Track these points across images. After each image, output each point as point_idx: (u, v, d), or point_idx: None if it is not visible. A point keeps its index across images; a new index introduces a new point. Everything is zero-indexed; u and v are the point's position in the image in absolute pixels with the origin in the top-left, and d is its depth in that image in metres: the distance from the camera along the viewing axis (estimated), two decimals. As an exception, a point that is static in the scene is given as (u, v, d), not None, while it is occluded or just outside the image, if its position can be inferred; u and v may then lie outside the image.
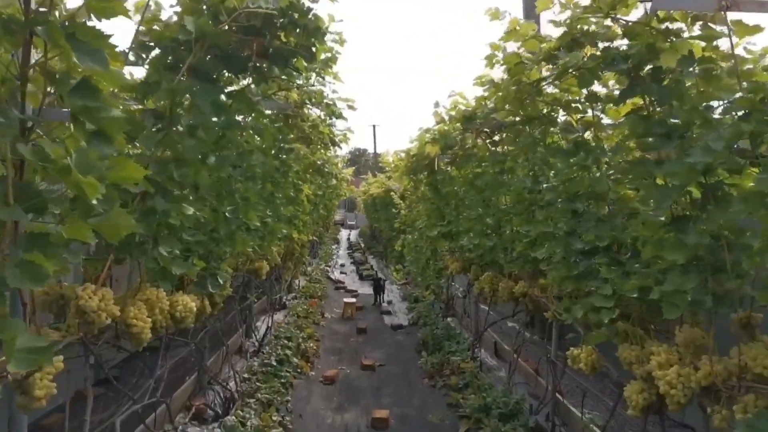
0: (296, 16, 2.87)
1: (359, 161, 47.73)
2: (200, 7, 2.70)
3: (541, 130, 4.28)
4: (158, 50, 2.67)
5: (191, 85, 2.56)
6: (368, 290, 12.80)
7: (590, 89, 3.38)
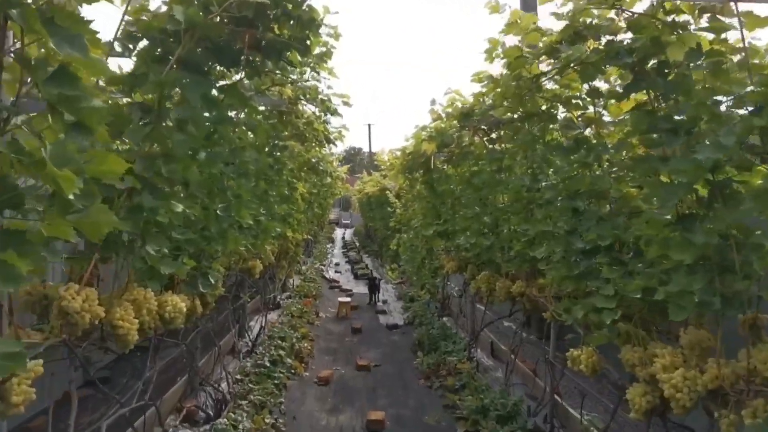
0: (290, 6, 2.77)
1: (354, 160, 47.61)
2: (190, -5, 2.60)
3: (540, 127, 4.21)
4: (146, 41, 2.56)
5: (180, 77, 2.46)
6: (363, 289, 12.70)
7: (592, 85, 3.31)
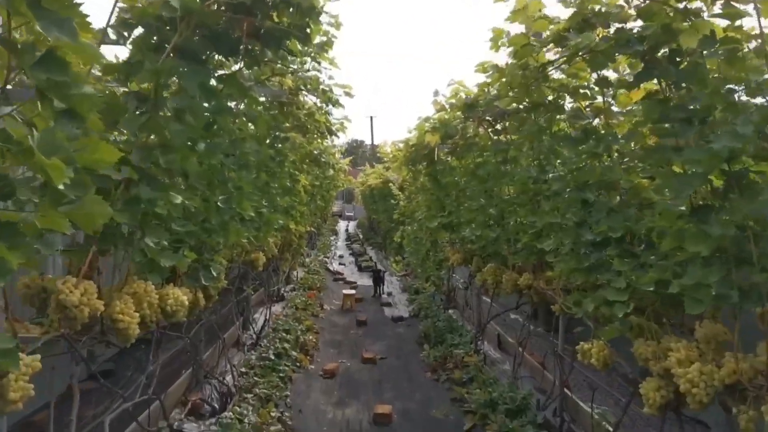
0: (290, -7, 2.70)
1: (356, 153, 47.41)
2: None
3: (546, 117, 4.12)
4: (141, 29, 2.49)
5: (177, 65, 2.39)
6: (367, 282, 12.66)
7: (600, 74, 3.22)
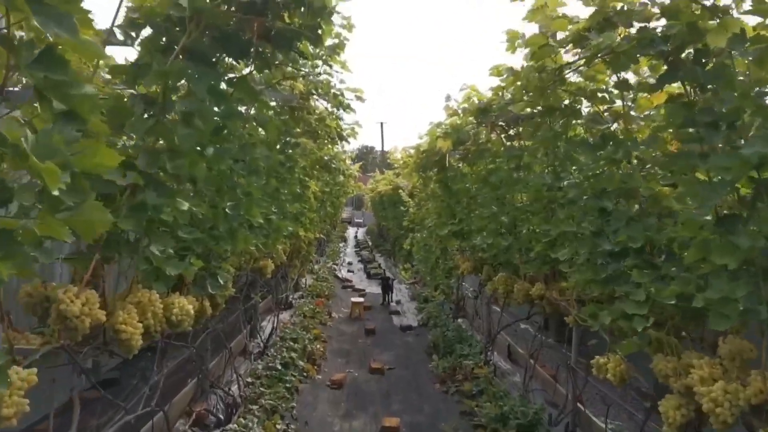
0: (301, -7, 2.63)
1: (366, 159, 47.41)
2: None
3: (562, 122, 4.02)
4: (150, 29, 2.43)
5: (186, 67, 2.32)
6: (376, 289, 12.55)
7: (620, 76, 3.12)
